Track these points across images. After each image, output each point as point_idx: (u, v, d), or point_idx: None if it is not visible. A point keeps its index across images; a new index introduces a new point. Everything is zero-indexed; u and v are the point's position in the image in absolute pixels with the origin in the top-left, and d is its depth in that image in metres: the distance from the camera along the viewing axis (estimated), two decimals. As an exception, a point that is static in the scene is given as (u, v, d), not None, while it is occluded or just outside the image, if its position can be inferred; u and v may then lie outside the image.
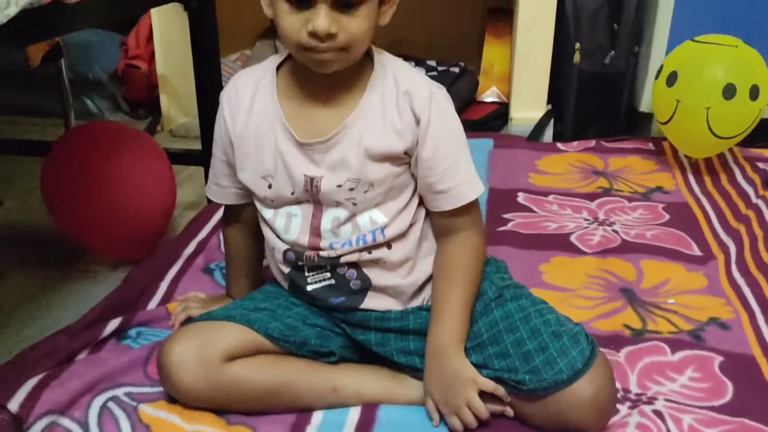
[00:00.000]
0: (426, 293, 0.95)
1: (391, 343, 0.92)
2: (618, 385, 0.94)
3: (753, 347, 1.04)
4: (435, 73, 2.19)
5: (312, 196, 0.88)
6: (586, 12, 1.85)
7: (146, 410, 0.87)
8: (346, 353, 0.94)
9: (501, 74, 2.12)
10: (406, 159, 0.88)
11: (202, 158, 1.39)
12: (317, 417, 0.89)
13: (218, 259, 1.24)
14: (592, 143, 1.84)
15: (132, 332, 1.02)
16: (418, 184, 0.90)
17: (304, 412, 0.89)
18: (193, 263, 1.24)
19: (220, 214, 1.22)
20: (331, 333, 0.94)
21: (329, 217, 0.89)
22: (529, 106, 1.95)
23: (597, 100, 1.93)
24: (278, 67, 0.91)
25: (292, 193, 0.89)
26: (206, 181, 1.04)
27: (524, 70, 1.93)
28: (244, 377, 0.86)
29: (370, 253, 0.90)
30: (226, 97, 0.92)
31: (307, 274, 0.92)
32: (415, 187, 0.91)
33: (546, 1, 1.85)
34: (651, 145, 1.83)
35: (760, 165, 1.70)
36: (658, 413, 0.89)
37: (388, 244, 0.90)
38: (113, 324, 1.00)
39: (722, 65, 1.53)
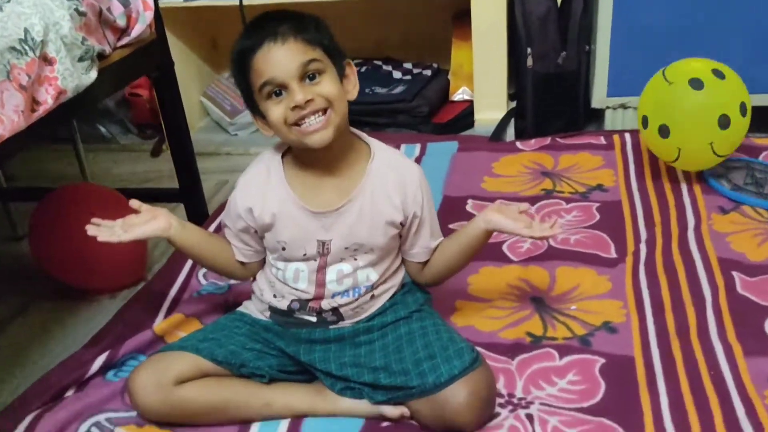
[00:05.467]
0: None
1: (330, 358, 1.13)
2: (504, 390, 1.13)
3: (635, 349, 1.21)
4: (410, 76, 2.34)
5: (321, 256, 1.10)
6: (534, 18, 1.97)
7: None
8: (283, 368, 1.15)
9: (470, 74, 2.25)
10: (399, 228, 1.10)
11: (179, 196, 1.63)
12: (254, 428, 1.11)
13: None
14: (548, 140, 1.98)
15: (118, 362, 1.26)
16: (401, 244, 1.14)
17: (244, 424, 1.11)
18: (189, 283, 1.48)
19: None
20: (267, 354, 1.15)
21: (334, 270, 1.10)
22: (491, 108, 2.10)
23: (554, 97, 2.05)
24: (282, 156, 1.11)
25: (304, 255, 1.10)
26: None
27: (484, 74, 2.07)
28: (191, 397, 1.08)
29: (357, 302, 1.12)
30: (242, 193, 1.10)
31: (297, 314, 1.14)
32: (399, 248, 1.15)
33: (497, 10, 1.98)
34: (602, 139, 1.95)
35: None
36: (530, 416, 1.08)
37: (372, 295, 1.13)
38: (99, 360, 1.23)
39: (709, 98, 1.51)
